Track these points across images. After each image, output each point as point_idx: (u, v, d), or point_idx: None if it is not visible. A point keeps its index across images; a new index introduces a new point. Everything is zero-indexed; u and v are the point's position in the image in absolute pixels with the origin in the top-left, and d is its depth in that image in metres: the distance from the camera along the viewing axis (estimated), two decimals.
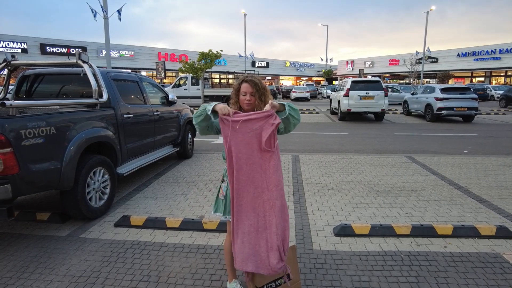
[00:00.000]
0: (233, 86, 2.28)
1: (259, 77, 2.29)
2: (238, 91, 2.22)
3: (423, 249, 3.05)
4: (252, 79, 2.19)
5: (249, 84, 2.18)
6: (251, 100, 2.18)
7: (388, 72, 53.78)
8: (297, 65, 65.71)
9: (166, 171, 5.80)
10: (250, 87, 2.18)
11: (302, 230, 3.47)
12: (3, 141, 2.70)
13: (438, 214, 3.85)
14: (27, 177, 2.93)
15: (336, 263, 2.85)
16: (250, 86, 2.18)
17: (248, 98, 2.17)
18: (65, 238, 3.32)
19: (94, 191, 3.75)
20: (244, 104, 2.21)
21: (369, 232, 3.33)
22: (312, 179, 5.28)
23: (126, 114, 4.50)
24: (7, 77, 4.55)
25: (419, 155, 7.11)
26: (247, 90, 2.17)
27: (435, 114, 13.15)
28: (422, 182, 5.08)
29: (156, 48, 46.11)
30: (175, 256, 2.96)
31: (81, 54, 4.01)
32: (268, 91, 2.26)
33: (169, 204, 4.21)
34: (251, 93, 2.17)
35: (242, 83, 2.20)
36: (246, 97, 2.18)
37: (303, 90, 30.49)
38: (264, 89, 2.22)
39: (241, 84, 2.20)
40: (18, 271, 2.74)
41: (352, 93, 13.19)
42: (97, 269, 2.76)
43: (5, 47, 34.00)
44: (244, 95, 2.18)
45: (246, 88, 2.18)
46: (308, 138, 9.61)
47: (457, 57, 43.99)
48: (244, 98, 2.19)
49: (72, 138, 3.42)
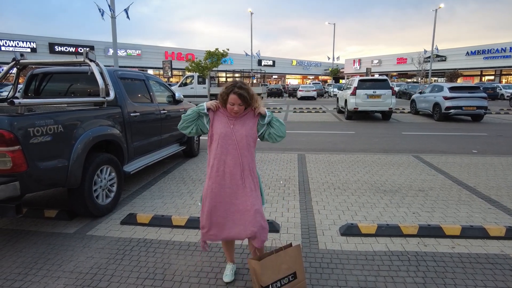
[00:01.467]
0: (220, 93, 2.27)
1: (247, 85, 2.27)
2: (226, 101, 2.23)
3: (431, 249, 3.02)
4: (240, 92, 2.17)
5: (237, 97, 2.17)
6: (239, 110, 2.22)
7: (396, 70, 53.28)
8: (303, 64, 65.49)
9: (173, 170, 5.82)
10: (239, 99, 2.18)
11: (308, 229, 3.45)
12: (12, 139, 2.73)
13: (445, 214, 3.80)
14: (35, 175, 2.96)
15: (342, 262, 2.83)
16: (238, 99, 2.18)
17: (235, 109, 2.21)
18: (72, 235, 3.35)
19: (101, 189, 3.78)
20: (232, 113, 2.24)
21: (376, 232, 3.30)
22: (318, 178, 5.25)
23: (133, 113, 4.52)
24: (16, 76, 4.61)
25: (426, 154, 7.04)
26: (235, 102, 2.19)
27: (443, 113, 13.00)
28: (430, 182, 5.02)
29: (163, 47, 46.35)
30: (181, 254, 2.97)
31: (88, 53, 4.04)
32: (255, 97, 2.27)
33: (175, 202, 4.23)
34: (239, 103, 2.19)
35: (230, 93, 2.19)
36: (234, 108, 2.20)
37: (309, 89, 30.37)
38: (251, 97, 2.23)
39: (229, 95, 2.19)
40: (26, 267, 2.77)
41: (359, 92, 13.10)
42: (103, 266, 2.78)
43: (15, 46, 34.48)
44: (232, 105, 2.20)
45: (234, 99, 2.19)
46: (314, 137, 9.57)
47: (466, 56, 43.40)
48: (231, 108, 2.21)
49: (79, 136, 3.44)
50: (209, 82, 22.06)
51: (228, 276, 2.54)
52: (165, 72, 27.97)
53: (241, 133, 2.25)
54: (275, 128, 2.30)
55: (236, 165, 2.24)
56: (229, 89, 2.20)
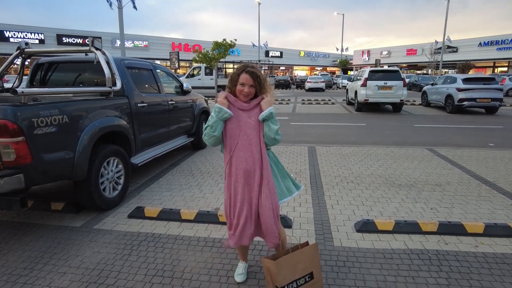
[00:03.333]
0: (231, 75, 2.11)
1: (258, 68, 2.12)
2: (236, 81, 2.06)
3: (452, 248, 2.86)
4: (253, 71, 2.02)
5: (249, 76, 2.01)
6: (250, 92, 2.03)
7: (405, 62, 52.31)
8: (311, 55, 64.62)
9: (181, 162, 5.71)
10: (251, 79, 2.01)
11: (322, 225, 3.32)
12: (16, 130, 2.62)
13: (466, 211, 3.63)
14: (40, 167, 2.86)
15: (359, 261, 2.70)
16: (250, 78, 2.01)
17: (246, 90, 2.02)
18: (79, 229, 3.27)
19: (107, 181, 3.68)
20: (240, 95, 2.06)
21: (393, 229, 3.15)
22: (330, 171, 5.10)
23: (140, 103, 4.40)
24: (21, 66, 4.50)
25: (441, 148, 6.82)
26: (247, 82, 2.02)
27: (456, 105, 12.65)
28: (446, 176, 4.84)
29: (170, 38, 46.07)
30: (190, 250, 2.86)
31: (94, 41, 3.91)
32: (267, 83, 2.10)
33: (183, 196, 4.12)
34: (251, 85, 2.02)
35: (241, 73, 2.03)
36: (244, 89, 2.03)
37: (318, 80, 29.90)
38: (264, 81, 2.06)
39: (241, 75, 2.03)
40: (32, 262, 2.69)
41: (370, 83, 12.81)
42: (110, 262, 2.69)
43: (23, 38, 34.51)
44: (242, 86, 2.02)
45: (246, 79, 2.02)
46: (324, 129, 9.38)
47: (478, 47, 42.31)
48: (241, 89, 2.03)
49: (85, 127, 3.33)
50: (216, 73, 21.85)
51: (241, 276, 2.42)
52: (172, 64, 27.74)
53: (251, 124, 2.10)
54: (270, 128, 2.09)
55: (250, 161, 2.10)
56: (240, 69, 2.06)
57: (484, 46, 41.97)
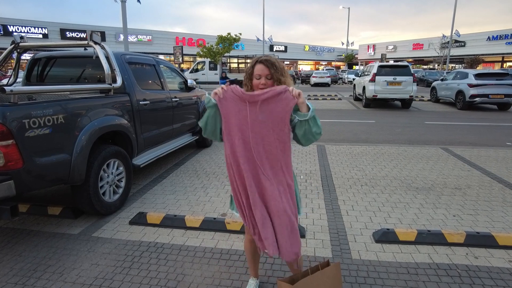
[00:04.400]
0: (245, 70, 1.89)
1: (275, 57, 1.87)
2: (251, 75, 1.83)
3: (483, 263, 2.61)
4: (267, 59, 1.80)
5: (264, 65, 1.78)
6: (267, 84, 1.79)
7: (411, 57, 51.54)
8: (316, 49, 63.89)
9: (185, 161, 5.48)
10: (266, 68, 1.78)
11: (337, 234, 3.07)
12: (4, 132, 2.39)
13: (492, 219, 3.37)
14: (33, 172, 2.63)
15: (381, 276, 2.45)
16: (265, 68, 1.78)
17: (263, 82, 1.78)
18: (77, 236, 3.05)
19: (108, 184, 3.46)
20: (258, 90, 1.81)
21: (416, 239, 2.90)
22: (342, 172, 4.84)
23: (142, 101, 4.15)
24: (16, 61, 4.25)
25: (456, 147, 6.53)
26: (262, 73, 1.78)
27: (467, 101, 12.29)
28: (466, 179, 4.56)
29: (174, 33, 45.67)
30: (196, 263, 2.63)
31: (93, 34, 3.65)
32: (286, 72, 1.85)
33: (188, 199, 3.89)
34: (267, 75, 1.78)
35: (255, 64, 1.81)
36: (260, 81, 1.79)
37: (323, 75, 29.51)
38: (282, 69, 1.82)
39: (255, 66, 1.81)
40: (24, 276, 2.47)
41: (378, 79, 12.47)
42: (109, 276, 2.46)
43: (27, 32, 34.33)
44: (259, 79, 1.79)
45: (261, 70, 1.78)
46: (332, 126, 9.09)
47: (487, 41, 41.52)
48: (258, 83, 1.79)
49: (83, 127, 3.10)
50: (220, 68, 21.56)
51: None
52: (176, 58, 27.49)
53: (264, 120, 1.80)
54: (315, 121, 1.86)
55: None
56: (254, 61, 1.84)
57: (492, 40, 41.19)
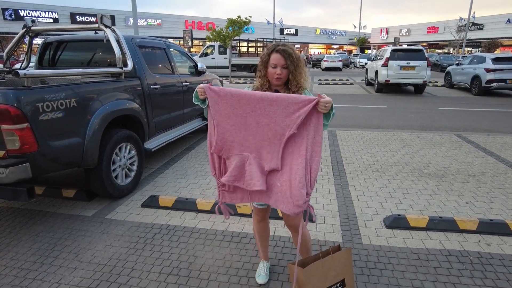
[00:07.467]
0: (260, 56, 1.86)
1: (291, 46, 1.82)
2: (267, 63, 1.80)
3: (496, 250, 2.58)
4: (284, 49, 1.76)
5: (280, 55, 1.75)
6: (282, 74, 1.77)
7: (426, 41, 50.13)
8: (327, 33, 62.59)
9: (196, 145, 5.51)
10: (283, 58, 1.75)
11: (348, 219, 3.07)
12: (19, 116, 2.42)
13: (506, 206, 3.31)
14: (47, 155, 2.68)
15: (391, 262, 2.46)
16: (282, 58, 1.75)
17: (278, 72, 1.76)
18: (91, 218, 3.12)
19: (120, 168, 3.50)
20: (273, 79, 1.80)
21: (427, 226, 2.88)
22: (353, 158, 4.80)
23: (153, 85, 4.15)
24: (29, 45, 4.27)
25: (470, 133, 6.39)
26: (278, 63, 1.75)
27: (484, 87, 11.95)
28: (480, 166, 4.48)
29: (184, 16, 45.24)
30: (207, 245, 2.67)
31: (104, 18, 3.63)
32: (302, 64, 1.82)
33: (199, 183, 3.92)
34: (283, 65, 1.75)
35: (272, 53, 1.77)
36: (276, 71, 1.76)
37: (335, 59, 28.95)
38: (298, 60, 1.78)
39: (271, 55, 1.77)
40: (42, 255, 2.56)
41: (391, 63, 12.19)
42: (123, 257, 2.52)
43: (37, 16, 34.43)
44: (274, 68, 1.76)
45: (277, 59, 1.75)
46: (344, 112, 8.98)
47: (506, 23, 39.96)
48: (274, 72, 1.77)
49: (95, 111, 3.12)
50: (230, 52, 21.33)
51: (262, 276, 2.22)
52: (185, 42, 27.26)
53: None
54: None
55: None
56: (271, 48, 1.80)
57: None
